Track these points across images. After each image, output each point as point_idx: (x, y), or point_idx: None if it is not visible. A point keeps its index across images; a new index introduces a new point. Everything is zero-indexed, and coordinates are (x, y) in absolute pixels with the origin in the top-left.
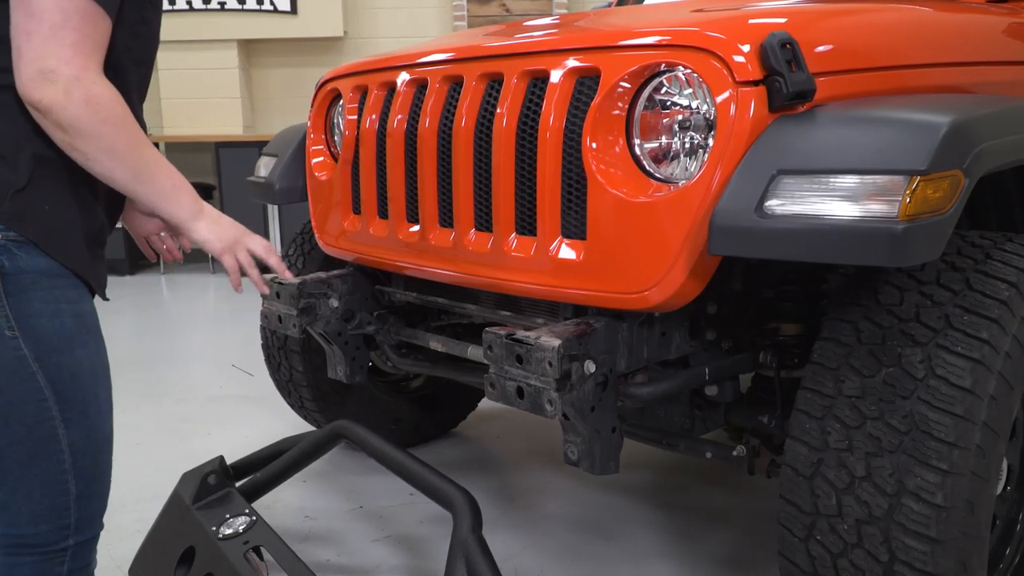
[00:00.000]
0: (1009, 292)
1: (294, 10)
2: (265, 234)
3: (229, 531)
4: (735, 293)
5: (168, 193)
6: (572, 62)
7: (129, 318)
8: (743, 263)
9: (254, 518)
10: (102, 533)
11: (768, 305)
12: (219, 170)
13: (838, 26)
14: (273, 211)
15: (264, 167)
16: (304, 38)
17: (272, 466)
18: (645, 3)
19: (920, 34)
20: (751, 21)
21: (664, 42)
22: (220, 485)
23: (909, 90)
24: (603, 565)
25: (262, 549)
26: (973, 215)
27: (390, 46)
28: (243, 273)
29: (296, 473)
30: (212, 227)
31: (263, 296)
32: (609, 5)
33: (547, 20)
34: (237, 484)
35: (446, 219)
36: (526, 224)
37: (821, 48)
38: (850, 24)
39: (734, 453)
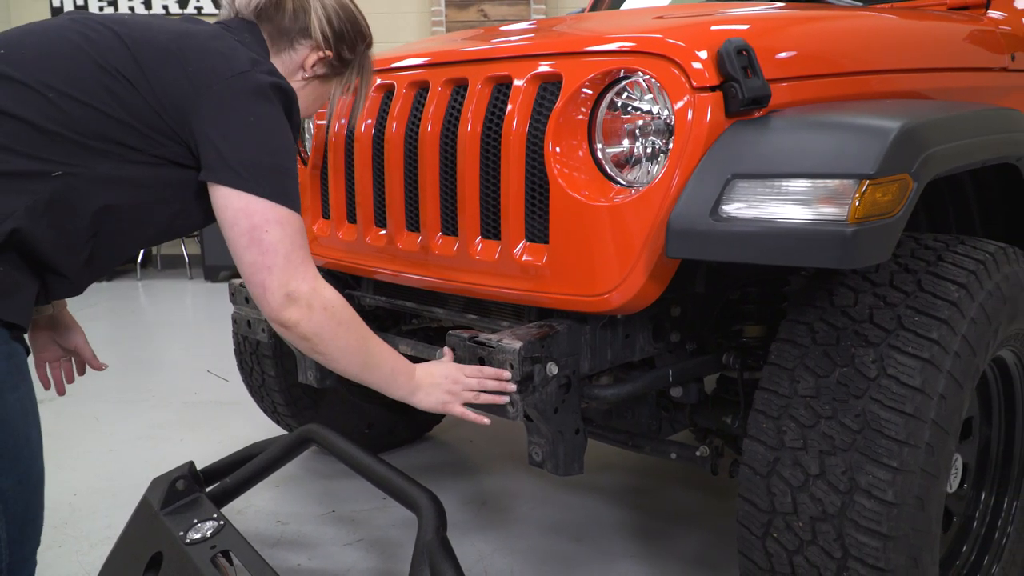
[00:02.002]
0: (959, 293)
1: None
2: None
3: (196, 536)
4: (698, 295)
5: (389, 377)
6: (535, 68)
7: (106, 324)
8: (705, 266)
9: (222, 523)
10: (73, 540)
11: (732, 307)
12: None
13: (797, 33)
14: None
15: None
16: None
17: (241, 471)
18: (621, 8)
19: (880, 40)
20: (712, 28)
21: (624, 48)
22: (189, 490)
23: (868, 95)
24: (572, 566)
25: (231, 553)
26: (932, 217)
27: None
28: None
29: (266, 478)
30: (428, 395)
31: (233, 302)
32: (583, 11)
33: (522, 25)
34: (207, 489)
35: (413, 223)
36: (491, 228)
37: (779, 55)
38: (809, 31)
39: (697, 453)
